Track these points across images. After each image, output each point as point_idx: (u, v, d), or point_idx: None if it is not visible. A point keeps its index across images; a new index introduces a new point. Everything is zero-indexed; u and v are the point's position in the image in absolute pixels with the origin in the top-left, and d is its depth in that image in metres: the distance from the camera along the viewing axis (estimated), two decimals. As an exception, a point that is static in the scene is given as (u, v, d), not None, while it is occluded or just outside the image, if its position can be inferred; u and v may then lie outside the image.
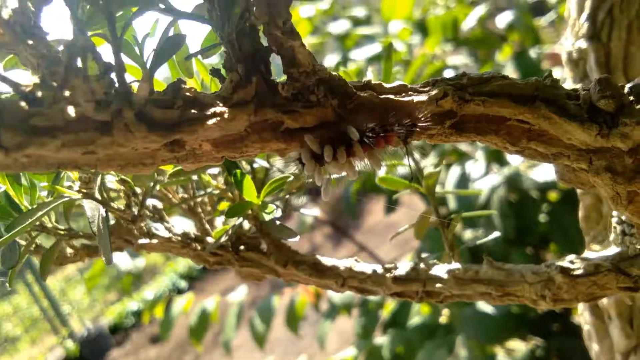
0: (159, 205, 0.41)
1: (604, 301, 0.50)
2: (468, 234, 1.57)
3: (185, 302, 1.79)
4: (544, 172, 1.25)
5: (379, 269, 0.39)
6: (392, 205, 1.86)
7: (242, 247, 0.40)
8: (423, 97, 0.26)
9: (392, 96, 0.26)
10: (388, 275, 0.38)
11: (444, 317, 1.38)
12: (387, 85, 0.26)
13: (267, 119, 0.23)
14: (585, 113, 0.26)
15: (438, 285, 0.37)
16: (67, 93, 0.19)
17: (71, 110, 0.19)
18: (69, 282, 5.09)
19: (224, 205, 0.41)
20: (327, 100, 0.24)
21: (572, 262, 0.35)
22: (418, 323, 1.55)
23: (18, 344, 4.57)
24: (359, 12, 2.11)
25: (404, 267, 0.39)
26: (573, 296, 0.34)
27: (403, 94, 0.26)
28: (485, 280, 0.36)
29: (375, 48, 1.69)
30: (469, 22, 1.68)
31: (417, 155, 0.30)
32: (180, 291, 4.40)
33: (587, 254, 0.36)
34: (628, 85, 0.26)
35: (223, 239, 0.36)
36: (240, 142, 0.23)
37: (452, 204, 1.42)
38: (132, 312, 4.49)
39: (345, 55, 1.72)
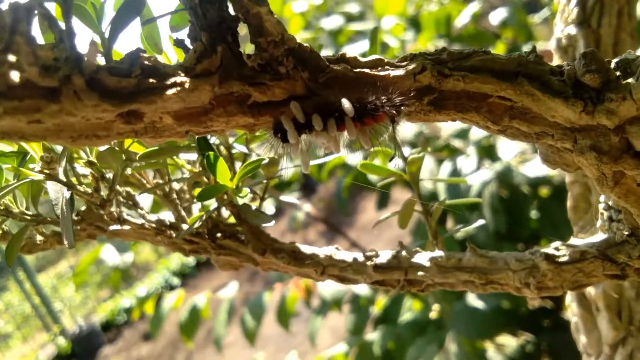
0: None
1: (592, 292, 0.49)
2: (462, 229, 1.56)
3: (176, 298, 1.78)
4: (535, 168, 1.25)
5: (360, 257, 0.38)
6: (384, 200, 1.85)
7: (219, 235, 0.39)
8: (400, 72, 0.25)
9: (367, 70, 0.24)
10: (369, 263, 0.37)
11: (434, 313, 1.37)
12: (362, 59, 0.25)
13: (233, 91, 0.22)
14: (569, 89, 0.25)
15: (420, 273, 0.36)
16: (11, 57, 0.18)
17: (15, 75, 0.18)
18: (61, 279, 5.05)
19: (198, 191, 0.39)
20: (297, 72, 0.22)
21: (557, 248, 0.34)
22: (409, 319, 1.54)
23: (10, 341, 4.53)
24: (352, 7, 2.09)
25: (385, 255, 0.38)
26: (558, 284, 0.33)
27: (379, 68, 0.25)
28: (468, 268, 0.35)
29: (368, 44, 1.67)
30: (463, 18, 1.67)
31: (399, 140, 0.28)
32: (173, 288, 4.39)
33: (573, 240, 0.35)
34: (615, 60, 0.25)
35: (197, 225, 0.35)
36: (205, 116, 0.22)
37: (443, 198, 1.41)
38: (124, 309, 4.47)
39: (338, 51, 1.71)
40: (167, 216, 0.41)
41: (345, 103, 0.24)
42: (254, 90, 0.22)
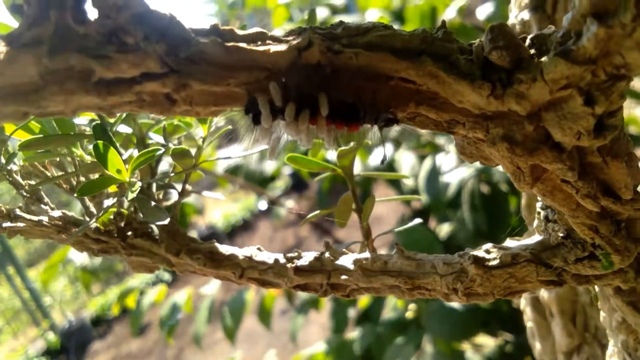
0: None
1: (545, 297, 0.46)
2: (445, 228, 1.53)
3: (157, 294, 1.75)
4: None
5: (282, 259, 0.35)
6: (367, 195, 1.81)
7: (129, 234, 0.35)
8: (282, 47, 0.21)
9: (243, 45, 0.21)
10: (289, 265, 0.34)
11: (410, 313, 1.35)
12: (240, 32, 0.21)
13: (71, 65, 0.19)
14: (477, 70, 0.22)
15: (343, 277, 0.33)
16: None
17: None
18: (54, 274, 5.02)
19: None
20: (150, 44, 0.19)
21: (487, 251, 0.31)
22: (391, 318, 1.51)
23: (1, 336, 4.50)
24: (337, 0, 2.06)
25: (308, 257, 0.34)
26: (488, 290, 0.30)
27: (259, 43, 0.21)
28: (394, 272, 0.32)
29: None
30: (449, 13, 1.63)
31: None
32: (164, 283, 4.36)
33: (507, 242, 0.32)
34: (530, 36, 0.22)
35: (93, 224, 0.32)
36: (35, 94, 0.19)
37: (424, 197, 1.39)
38: (114, 304, 4.43)
39: None
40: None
41: (322, 99, 0.23)
42: (97, 64, 0.19)
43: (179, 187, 0.38)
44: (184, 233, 0.36)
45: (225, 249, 0.36)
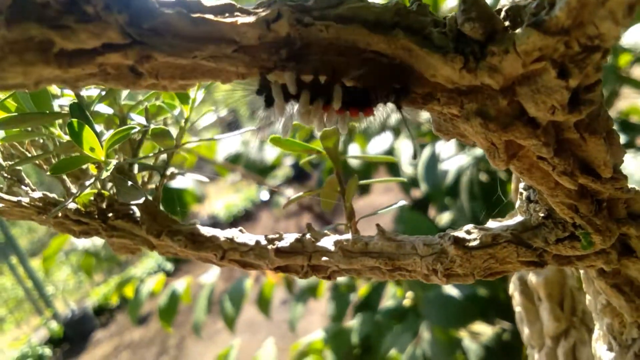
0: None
1: (533, 280, 0.45)
2: (445, 217, 1.53)
3: (155, 283, 1.76)
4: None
5: (263, 241, 0.34)
6: (365, 188, 1.81)
7: (110, 215, 0.35)
8: (250, 19, 0.21)
9: (211, 16, 0.21)
10: (270, 247, 0.34)
11: (407, 301, 1.35)
12: (207, 4, 0.21)
13: (31, 36, 0.18)
14: (450, 42, 0.21)
15: (324, 258, 0.33)
16: None
17: None
18: (55, 263, 5.05)
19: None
20: (111, 14, 0.19)
21: (468, 232, 0.30)
22: (390, 306, 1.52)
23: (4, 325, 4.55)
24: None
25: (289, 238, 0.34)
26: (468, 271, 0.30)
27: (227, 15, 0.21)
28: (375, 253, 0.32)
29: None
30: (450, 1, 1.61)
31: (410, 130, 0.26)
32: (166, 273, 4.38)
33: (489, 223, 0.31)
34: (505, 7, 0.21)
35: (74, 205, 0.31)
36: (-7, 66, 0.18)
37: (423, 185, 1.39)
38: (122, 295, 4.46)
39: None
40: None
41: (336, 92, 0.23)
42: (56, 35, 0.18)
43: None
44: (165, 214, 0.36)
45: (206, 230, 0.35)
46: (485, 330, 1.38)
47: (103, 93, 0.32)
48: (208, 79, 0.22)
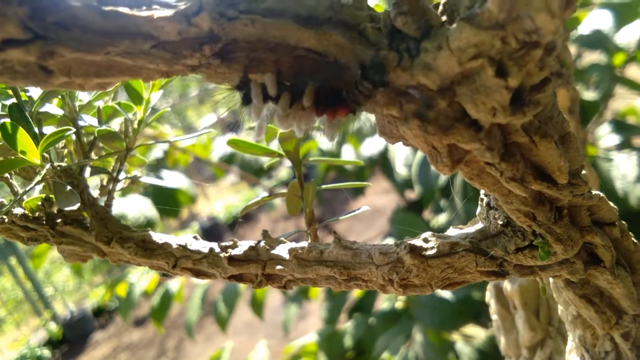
0: None
1: (508, 288, 0.44)
2: (442, 219, 1.51)
3: (148, 283, 1.75)
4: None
5: (217, 249, 0.33)
6: (359, 191, 1.79)
7: (59, 220, 0.34)
8: (169, 12, 0.19)
9: (125, 9, 0.19)
10: (224, 255, 0.32)
11: (399, 303, 1.33)
12: None
13: None
14: (385, 39, 0.19)
15: (279, 267, 0.31)
16: None
17: None
18: (54, 264, 5.05)
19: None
20: (9, 7, 0.17)
21: (426, 240, 0.29)
22: (384, 309, 1.50)
23: (3, 326, 4.55)
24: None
25: (243, 246, 0.33)
26: (425, 281, 0.28)
27: (144, 8, 0.19)
28: (330, 262, 0.30)
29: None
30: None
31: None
32: (166, 274, 4.37)
33: (449, 230, 0.30)
34: (443, 1, 0.19)
35: (17, 209, 0.30)
36: None
37: (417, 187, 1.38)
38: (115, 295, 4.45)
39: None
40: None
41: (308, 89, 0.21)
42: (-52, 31, 0.17)
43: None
44: (116, 220, 0.34)
45: (159, 237, 0.34)
46: (478, 333, 1.36)
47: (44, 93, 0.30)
48: (127, 77, 0.20)
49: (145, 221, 1.50)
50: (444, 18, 0.19)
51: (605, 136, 1.34)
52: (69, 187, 0.30)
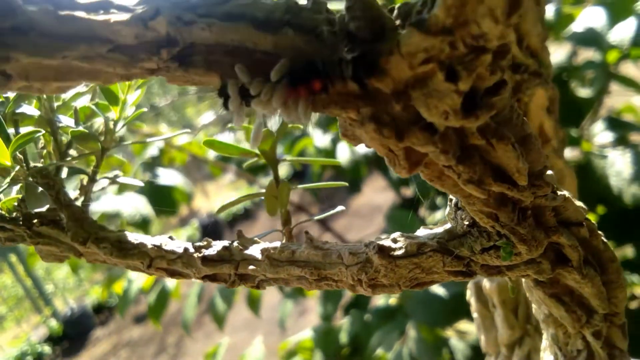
0: None
1: (487, 286, 0.44)
2: (438, 215, 1.52)
3: (145, 280, 1.75)
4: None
5: (191, 249, 0.33)
6: (356, 183, 1.80)
7: (35, 221, 0.34)
8: (125, 16, 0.19)
9: (82, 14, 0.19)
10: (197, 255, 0.32)
11: (393, 299, 1.34)
12: (80, 1, 0.20)
13: None
14: (340, 43, 0.20)
15: (251, 267, 0.31)
16: None
17: None
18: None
19: None
20: None
21: (394, 240, 0.29)
22: (380, 305, 1.51)
23: (4, 323, 4.56)
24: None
25: (217, 246, 0.33)
26: (393, 281, 0.28)
27: (102, 12, 0.20)
28: (302, 262, 0.30)
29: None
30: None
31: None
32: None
33: (419, 231, 0.30)
34: (397, 5, 0.20)
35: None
36: None
37: (412, 185, 1.38)
38: (113, 292, 4.46)
39: None
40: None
41: (279, 65, 0.20)
42: None
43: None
44: (93, 221, 0.34)
45: (134, 237, 0.34)
46: (472, 329, 1.36)
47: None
48: (86, 80, 0.21)
49: (141, 219, 1.51)
50: (398, 22, 0.19)
51: (599, 133, 1.34)
52: (40, 189, 0.30)
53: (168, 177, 1.68)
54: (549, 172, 0.27)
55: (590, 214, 1.37)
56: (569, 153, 1.35)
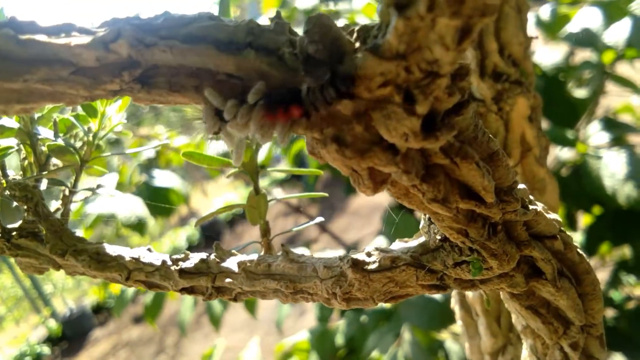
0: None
1: (470, 295, 0.44)
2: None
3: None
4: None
5: (169, 261, 0.33)
6: (353, 189, 1.79)
7: (14, 233, 0.34)
8: (87, 39, 0.19)
9: (43, 37, 0.19)
10: (174, 268, 0.32)
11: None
12: (42, 24, 0.20)
13: None
14: (301, 64, 0.20)
15: (228, 280, 0.31)
16: None
17: None
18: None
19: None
20: None
21: (368, 254, 0.29)
22: (376, 307, 1.51)
23: (3, 323, 4.57)
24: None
25: (194, 258, 0.33)
26: (367, 295, 0.28)
27: (63, 35, 0.20)
28: (277, 275, 0.30)
29: (339, 24, 1.63)
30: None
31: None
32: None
33: (393, 244, 0.30)
34: (357, 28, 0.20)
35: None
36: None
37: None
38: (110, 293, 4.47)
39: None
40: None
41: (256, 87, 0.20)
42: None
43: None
44: (71, 233, 0.35)
45: (112, 249, 0.34)
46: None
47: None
48: (49, 102, 0.21)
49: (137, 221, 1.51)
50: (357, 44, 0.19)
51: (595, 134, 1.34)
52: (14, 203, 0.30)
53: (164, 178, 1.67)
54: (521, 186, 0.27)
55: (587, 214, 1.36)
56: (566, 154, 1.35)
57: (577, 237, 1.36)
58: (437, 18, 0.16)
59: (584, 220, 1.43)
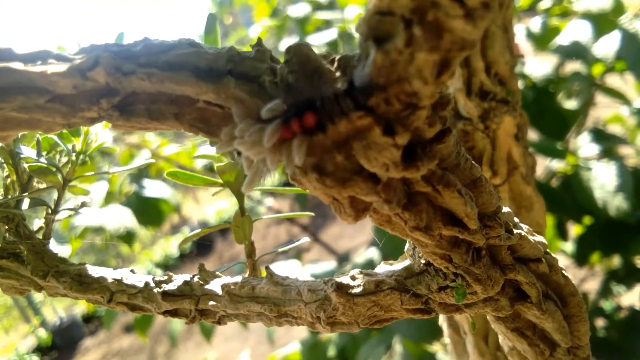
0: None
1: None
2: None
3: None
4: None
5: (152, 283, 0.33)
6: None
7: (-6, 254, 0.33)
8: (63, 67, 0.19)
9: (19, 65, 0.19)
10: (157, 290, 0.32)
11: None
12: (19, 51, 0.19)
13: None
14: (282, 93, 0.19)
15: (211, 303, 0.31)
16: None
17: None
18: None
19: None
20: None
21: (353, 277, 0.29)
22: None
23: (-6, 332, 4.51)
24: (321, -4, 2.03)
25: (178, 280, 0.32)
26: (352, 319, 0.28)
27: (39, 63, 0.19)
28: (262, 298, 0.30)
29: (332, 33, 1.63)
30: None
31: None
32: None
33: (378, 267, 0.30)
34: (337, 57, 0.19)
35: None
36: None
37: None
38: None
39: (303, 40, 1.66)
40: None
41: (274, 102, 0.19)
42: None
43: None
44: (54, 254, 0.34)
45: (95, 270, 0.34)
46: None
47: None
48: (25, 130, 0.20)
49: (126, 232, 1.49)
50: (337, 74, 0.19)
51: (585, 145, 1.35)
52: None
53: (154, 188, 1.66)
54: (505, 209, 0.27)
55: (577, 225, 1.37)
56: (557, 164, 1.36)
57: (568, 247, 1.36)
58: (416, 52, 0.16)
59: (574, 230, 1.43)
